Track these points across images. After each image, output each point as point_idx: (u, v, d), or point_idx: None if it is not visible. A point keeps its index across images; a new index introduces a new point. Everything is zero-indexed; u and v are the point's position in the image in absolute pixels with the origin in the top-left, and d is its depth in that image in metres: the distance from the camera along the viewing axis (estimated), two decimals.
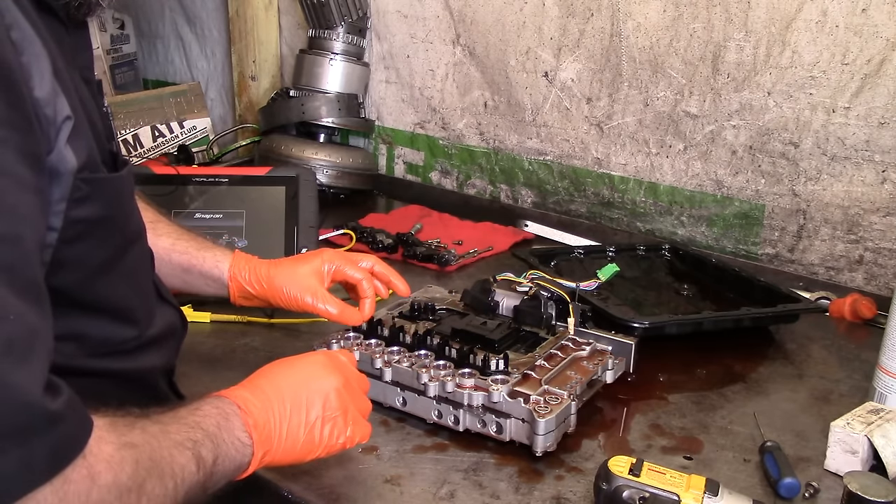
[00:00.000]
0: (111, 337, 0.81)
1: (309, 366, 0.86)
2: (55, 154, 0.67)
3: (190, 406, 0.74)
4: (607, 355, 1.10)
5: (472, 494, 0.89)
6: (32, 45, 0.65)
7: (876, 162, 1.44)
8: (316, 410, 0.82)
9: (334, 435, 0.83)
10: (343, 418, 0.83)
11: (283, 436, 0.79)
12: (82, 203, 0.70)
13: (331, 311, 1.09)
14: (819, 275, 1.55)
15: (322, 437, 0.82)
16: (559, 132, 1.87)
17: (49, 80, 0.65)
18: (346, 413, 0.84)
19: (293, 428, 0.80)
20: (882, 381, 1.06)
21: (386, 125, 2.21)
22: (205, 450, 0.70)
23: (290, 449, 0.80)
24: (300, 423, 0.80)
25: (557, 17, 1.79)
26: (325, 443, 0.82)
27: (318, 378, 0.84)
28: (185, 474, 0.68)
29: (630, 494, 0.80)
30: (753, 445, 1.00)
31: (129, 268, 0.82)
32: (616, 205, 1.82)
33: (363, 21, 2.09)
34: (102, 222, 0.74)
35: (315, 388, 0.83)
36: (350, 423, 0.84)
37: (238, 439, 0.75)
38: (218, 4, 2.51)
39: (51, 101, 0.65)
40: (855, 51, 1.42)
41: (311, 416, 0.81)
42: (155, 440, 0.66)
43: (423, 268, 1.61)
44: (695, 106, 1.64)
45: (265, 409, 0.78)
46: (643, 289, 1.48)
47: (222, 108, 2.64)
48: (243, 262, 1.14)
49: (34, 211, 0.62)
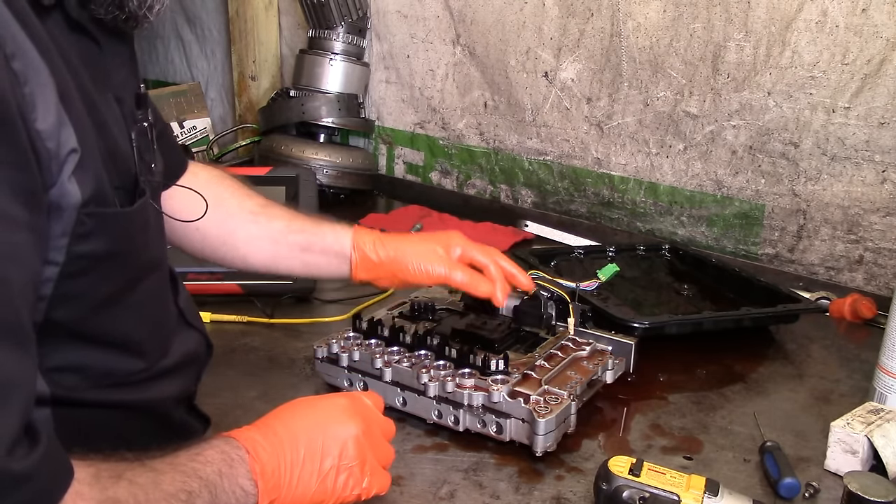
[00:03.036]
0: (115, 369, 0.78)
1: (328, 409, 0.80)
2: (57, 188, 0.64)
3: (191, 450, 0.70)
4: (607, 355, 1.10)
5: (472, 494, 0.89)
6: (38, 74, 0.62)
7: (876, 162, 1.44)
8: (332, 459, 0.77)
9: (349, 486, 0.77)
10: (360, 469, 0.78)
11: (294, 484, 0.74)
12: (86, 238, 0.68)
13: (464, 279, 1.08)
14: (819, 275, 1.55)
15: (335, 487, 0.77)
16: (559, 132, 1.87)
17: (54, 111, 0.63)
18: (363, 463, 0.79)
19: (305, 476, 0.75)
20: (882, 381, 1.06)
21: (386, 125, 2.21)
22: (200, 501, 0.66)
23: (300, 498, 0.75)
24: (313, 471, 0.75)
25: (557, 17, 1.79)
26: (338, 493, 0.77)
27: (336, 423, 0.79)
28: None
29: (630, 494, 0.80)
30: (753, 445, 1.00)
31: (139, 300, 0.79)
32: (616, 205, 1.82)
33: (363, 21, 2.09)
34: (108, 257, 0.71)
35: (332, 435, 0.78)
36: (367, 475, 0.79)
37: (241, 487, 0.71)
38: (218, 4, 2.51)
39: (54, 134, 0.63)
40: (855, 51, 1.42)
41: (326, 465, 0.76)
42: (143, 493, 0.62)
43: None
44: (695, 106, 1.64)
45: (276, 455, 0.74)
46: (643, 289, 1.48)
47: (222, 108, 2.64)
48: (366, 233, 1.12)
49: (25, 250, 0.60)
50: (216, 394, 1.07)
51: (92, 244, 0.68)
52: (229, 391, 1.09)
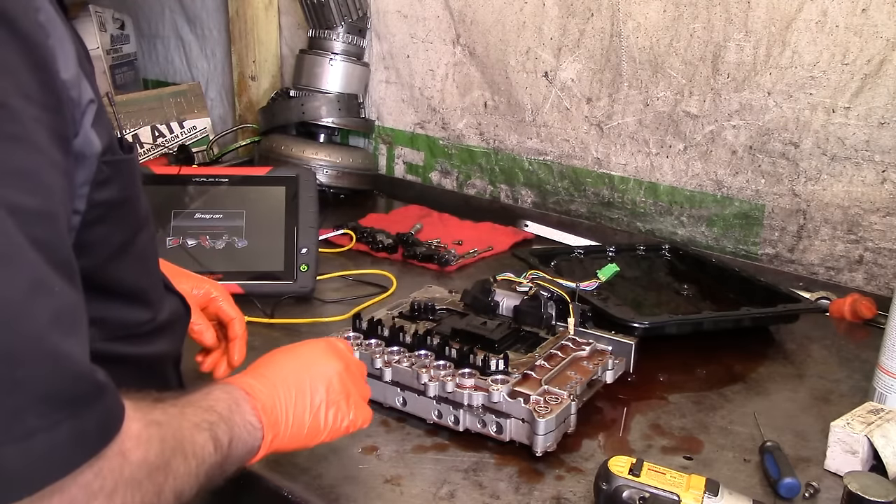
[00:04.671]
0: (129, 320, 0.82)
1: (310, 351, 0.87)
2: (82, 137, 0.67)
3: (201, 391, 0.74)
4: (607, 355, 1.10)
5: (472, 494, 0.89)
6: (57, 28, 0.65)
7: (876, 162, 1.44)
8: (320, 395, 0.82)
9: (338, 419, 0.83)
10: (346, 402, 0.84)
11: (290, 420, 0.79)
12: (104, 186, 0.71)
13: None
14: (819, 275, 1.55)
15: (327, 421, 0.82)
16: (559, 132, 1.87)
17: (73, 64, 0.66)
18: (348, 397, 0.84)
19: (299, 412, 0.80)
20: (882, 381, 1.06)
21: (386, 125, 2.21)
22: (220, 431, 0.71)
23: (297, 434, 0.80)
24: (305, 407, 0.81)
25: (557, 17, 1.79)
26: (329, 426, 0.83)
27: (320, 363, 0.85)
28: (204, 454, 0.68)
29: (630, 494, 0.80)
30: (753, 445, 1.00)
31: (141, 250, 0.83)
32: (616, 205, 1.82)
33: (363, 21, 2.09)
34: (120, 204, 0.75)
35: (318, 373, 0.83)
36: (352, 408, 0.85)
37: (249, 423, 0.75)
38: (218, 4, 2.51)
39: (76, 84, 0.66)
40: (855, 51, 1.42)
41: (316, 401, 0.82)
42: (175, 420, 0.66)
43: (423, 268, 1.61)
44: (695, 106, 1.64)
45: (271, 395, 0.79)
46: (643, 289, 1.48)
47: (222, 108, 2.64)
48: None
49: (65, 193, 0.63)
50: None
51: (108, 191, 0.72)
52: None
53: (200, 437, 0.68)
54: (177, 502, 0.64)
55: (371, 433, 1.00)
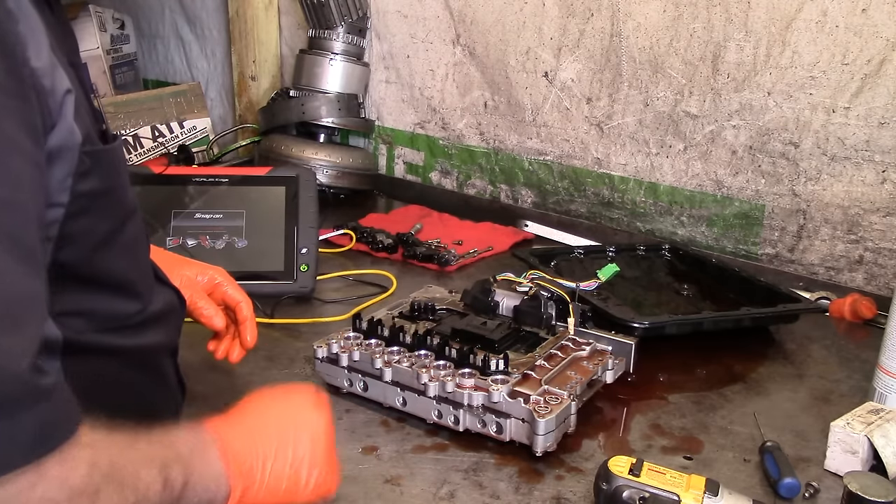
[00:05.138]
0: (117, 311, 0.80)
1: (298, 400, 0.80)
2: (64, 128, 0.66)
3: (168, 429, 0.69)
4: (607, 355, 1.10)
5: (472, 494, 0.89)
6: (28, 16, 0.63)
7: (876, 162, 1.44)
8: (303, 448, 0.75)
9: (320, 477, 0.76)
10: (327, 462, 0.77)
11: (267, 473, 0.72)
12: (87, 176, 0.70)
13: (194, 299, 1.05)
14: (819, 275, 1.55)
15: (308, 479, 0.75)
16: (559, 132, 1.87)
17: (46, 52, 0.64)
18: (330, 456, 0.78)
19: (278, 466, 0.73)
20: (882, 381, 1.06)
21: (386, 125, 2.21)
22: (174, 471, 0.65)
23: (274, 488, 0.73)
24: (286, 460, 0.74)
25: (557, 17, 1.79)
26: (311, 485, 0.75)
27: (307, 415, 0.78)
28: (148, 491, 0.62)
29: (630, 494, 0.80)
30: (753, 445, 1.00)
31: (129, 241, 0.81)
32: (616, 205, 1.82)
33: (363, 21, 2.09)
34: (104, 194, 0.74)
35: (304, 425, 0.77)
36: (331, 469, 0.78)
37: (212, 469, 0.69)
38: (218, 4, 2.51)
39: (49, 73, 0.64)
40: (855, 51, 1.42)
41: (299, 454, 0.75)
42: (116, 448, 0.61)
43: (423, 268, 1.61)
44: (695, 106, 1.64)
45: (246, 443, 0.73)
46: (643, 289, 1.48)
47: (222, 108, 2.64)
48: None
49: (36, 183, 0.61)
50: (216, 394, 1.07)
51: (91, 182, 0.71)
52: (229, 391, 1.09)
53: (146, 473, 0.63)
54: None
55: (371, 433, 1.00)
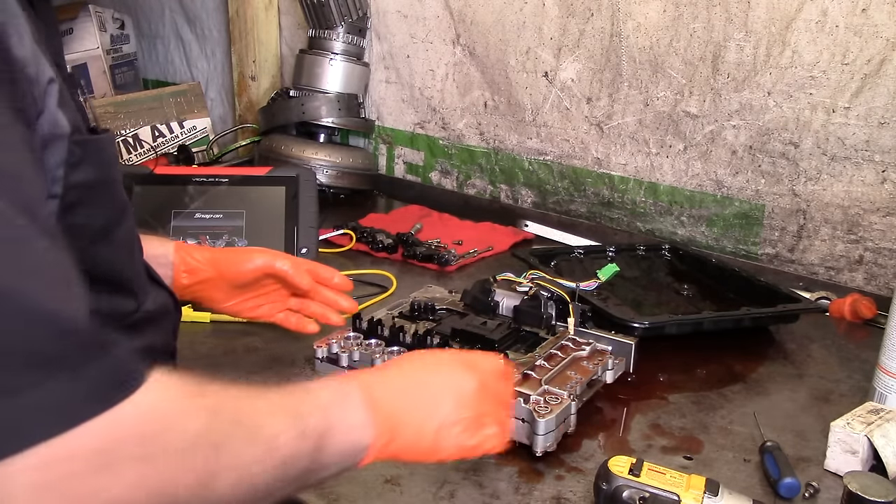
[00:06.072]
0: (115, 309, 0.80)
1: (444, 361, 0.81)
2: (48, 117, 0.65)
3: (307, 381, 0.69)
4: (607, 355, 1.10)
5: (472, 494, 0.89)
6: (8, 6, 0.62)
7: (876, 162, 1.44)
8: (447, 408, 0.75)
9: (464, 437, 0.76)
10: (475, 422, 0.77)
11: (411, 428, 0.72)
12: (78, 167, 0.69)
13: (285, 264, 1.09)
14: (819, 275, 1.55)
15: (450, 438, 0.75)
16: (559, 132, 1.87)
17: (29, 41, 0.63)
18: (479, 416, 0.77)
19: (422, 421, 0.73)
20: (882, 381, 1.06)
21: (386, 125, 2.21)
22: (311, 420, 0.64)
23: (417, 444, 0.73)
24: (429, 417, 0.74)
25: (557, 17, 1.79)
26: (453, 444, 0.75)
27: (452, 375, 0.78)
28: (280, 441, 0.61)
29: (630, 494, 0.80)
30: (753, 445, 1.00)
31: (124, 238, 0.81)
32: (616, 205, 1.82)
33: (363, 21, 2.09)
34: (97, 186, 0.73)
35: (448, 385, 0.77)
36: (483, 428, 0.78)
37: (355, 418, 0.68)
38: (218, 4, 2.51)
39: (33, 62, 0.63)
40: (855, 51, 1.42)
41: (441, 413, 0.75)
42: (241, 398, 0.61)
43: (423, 268, 1.60)
44: (695, 106, 1.64)
45: (392, 396, 0.73)
46: (643, 289, 1.48)
47: (222, 108, 2.64)
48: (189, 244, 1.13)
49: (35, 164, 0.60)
50: None
51: (83, 173, 0.70)
52: None
53: (278, 421, 0.62)
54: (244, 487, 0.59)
55: None
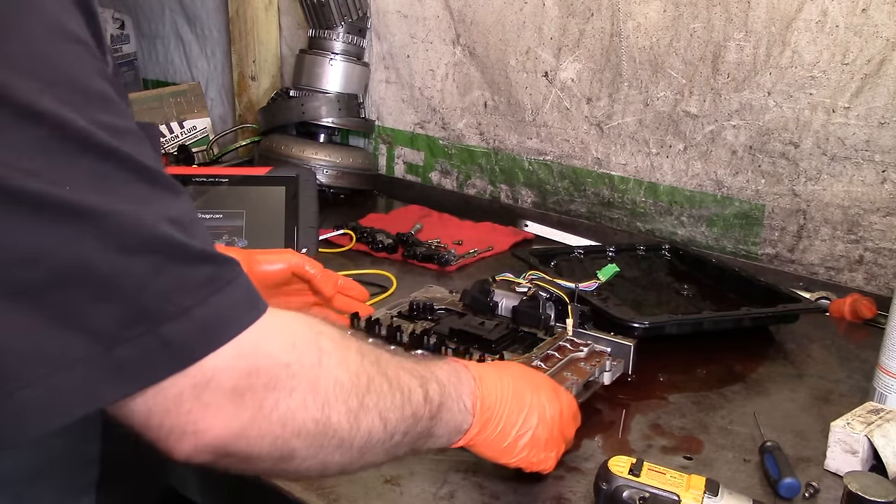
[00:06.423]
0: None
1: (540, 382, 0.87)
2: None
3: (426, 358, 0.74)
4: (605, 357, 1.09)
5: (472, 494, 0.89)
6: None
7: (876, 162, 1.44)
8: (531, 422, 0.82)
9: (532, 453, 0.83)
10: (545, 443, 0.84)
11: (499, 425, 0.79)
12: None
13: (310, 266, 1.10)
14: (819, 275, 1.54)
15: (523, 448, 0.82)
16: (559, 132, 1.86)
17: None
18: (549, 440, 0.84)
19: (509, 424, 0.80)
20: (882, 381, 1.05)
21: (386, 125, 2.21)
22: (432, 389, 0.69)
23: (497, 442, 0.80)
24: (516, 423, 0.80)
25: (557, 17, 1.79)
26: (524, 455, 0.83)
27: (543, 397, 0.84)
28: (413, 396, 0.66)
29: (630, 494, 0.80)
30: (753, 445, 1.00)
31: None
32: (616, 205, 1.82)
33: (363, 21, 2.09)
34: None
35: (538, 403, 0.83)
36: (546, 451, 0.85)
37: (463, 401, 0.74)
38: (218, 4, 2.51)
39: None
40: (855, 51, 1.42)
41: (527, 425, 0.82)
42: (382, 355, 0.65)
43: (423, 268, 1.60)
44: (695, 106, 1.64)
45: (494, 391, 0.78)
46: (643, 289, 1.48)
47: (222, 108, 2.64)
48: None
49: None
50: None
51: None
52: None
53: (409, 379, 0.66)
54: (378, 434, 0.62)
55: None
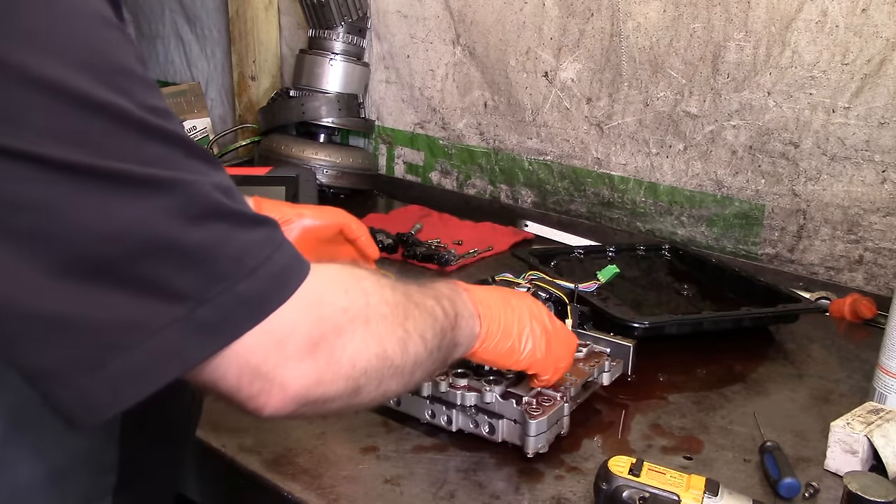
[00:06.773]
0: None
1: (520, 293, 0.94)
2: None
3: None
4: (604, 357, 1.09)
5: (472, 494, 0.89)
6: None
7: (876, 162, 1.44)
8: (525, 321, 0.86)
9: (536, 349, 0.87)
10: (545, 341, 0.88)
11: (500, 325, 0.84)
12: None
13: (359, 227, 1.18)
14: (819, 275, 1.54)
15: (526, 346, 0.87)
16: (559, 132, 1.86)
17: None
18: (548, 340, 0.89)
19: (507, 322, 0.84)
20: (882, 381, 1.05)
21: (386, 125, 2.21)
22: (447, 304, 0.75)
23: (502, 342, 0.84)
24: (512, 322, 0.85)
25: (557, 17, 1.79)
26: (527, 352, 0.87)
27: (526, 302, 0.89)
28: (437, 313, 0.72)
29: (630, 494, 0.80)
30: (753, 445, 1.00)
31: None
32: (616, 205, 1.82)
33: (363, 21, 2.09)
34: None
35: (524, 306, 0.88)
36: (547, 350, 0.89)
37: (468, 309, 0.80)
38: (218, 4, 2.51)
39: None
40: (855, 51, 1.42)
41: (522, 322, 0.86)
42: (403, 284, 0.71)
43: (423, 268, 1.60)
44: (695, 106, 1.64)
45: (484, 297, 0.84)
46: (643, 289, 1.48)
47: (222, 108, 2.64)
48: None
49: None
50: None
51: None
52: None
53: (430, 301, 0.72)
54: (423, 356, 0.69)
55: (371, 433, 1.00)
